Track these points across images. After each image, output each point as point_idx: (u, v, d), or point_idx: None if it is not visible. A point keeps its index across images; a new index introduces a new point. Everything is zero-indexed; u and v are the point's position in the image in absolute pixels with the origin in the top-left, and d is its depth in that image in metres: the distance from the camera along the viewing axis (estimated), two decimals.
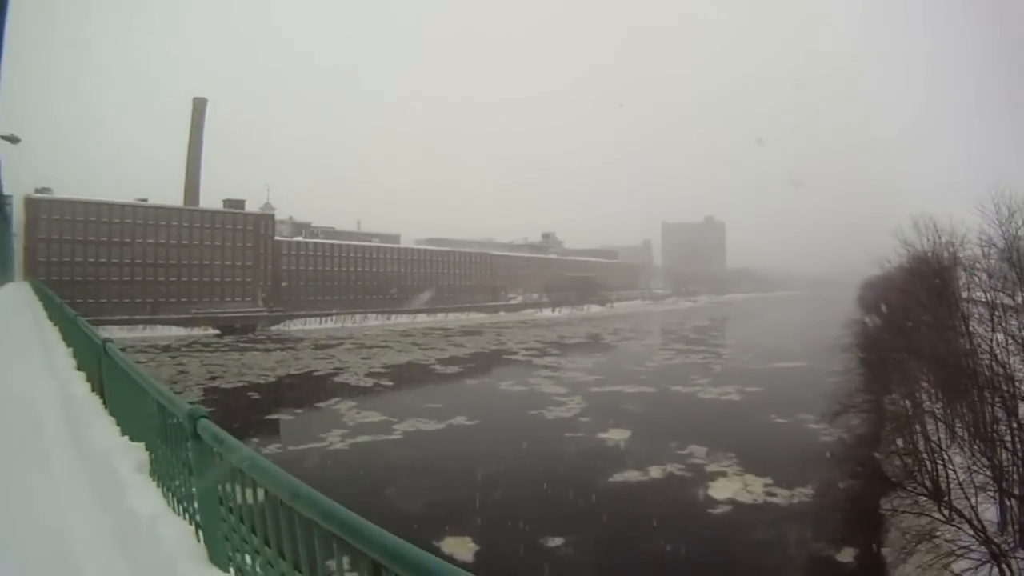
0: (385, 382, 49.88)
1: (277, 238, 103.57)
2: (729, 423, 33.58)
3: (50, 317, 16.47)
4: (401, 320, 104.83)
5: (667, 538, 19.49)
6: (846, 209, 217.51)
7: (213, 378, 51.68)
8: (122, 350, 5.62)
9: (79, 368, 8.39)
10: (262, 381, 50.83)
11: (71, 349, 9.78)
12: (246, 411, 39.20)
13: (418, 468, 26.33)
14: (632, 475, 25.35)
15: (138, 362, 5.15)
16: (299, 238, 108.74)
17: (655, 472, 25.75)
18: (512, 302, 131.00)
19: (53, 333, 12.50)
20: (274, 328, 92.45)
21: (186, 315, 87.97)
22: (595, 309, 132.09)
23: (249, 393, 45.80)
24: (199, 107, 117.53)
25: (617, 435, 31.27)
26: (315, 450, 29.51)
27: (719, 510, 22.24)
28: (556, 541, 19.48)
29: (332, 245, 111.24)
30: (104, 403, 6.26)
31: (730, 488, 24.03)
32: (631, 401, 39.48)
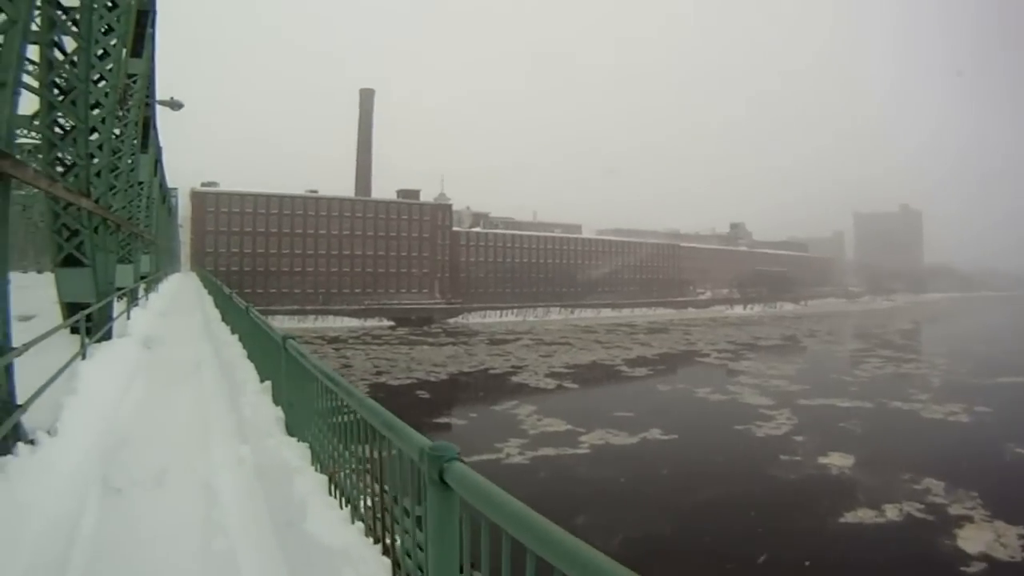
0: (568, 384, 48.50)
1: (455, 228, 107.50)
2: (963, 451, 30.55)
3: (217, 305, 17.41)
4: (585, 315, 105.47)
5: None
6: None
7: (379, 373, 52.83)
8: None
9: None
10: (432, 378, 51.08)
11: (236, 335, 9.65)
12: (413, 412, 38.22)
13: (610, 493, 24.79)
14: (865, 515, 23.12)
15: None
16: (478, 228, 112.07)
17: (891, 512, 23.40)
18: (700, 297, 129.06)
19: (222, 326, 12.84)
20: (451, 320, 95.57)
21: (359, 306, 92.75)
22: (788, 307, 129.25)
23: (418, 391, 45.92)
24: (366, 98, 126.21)
25: (839, 460, 29.00)
26: (490, 463, 27.81)
27: (974, 569, 19.57)
28: None
29: (512, 236, 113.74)
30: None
31: (980, 538, 21.38)
32: (847, 418, 37.02)
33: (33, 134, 14.58)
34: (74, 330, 9.59)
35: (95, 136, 11.67)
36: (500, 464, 28.10)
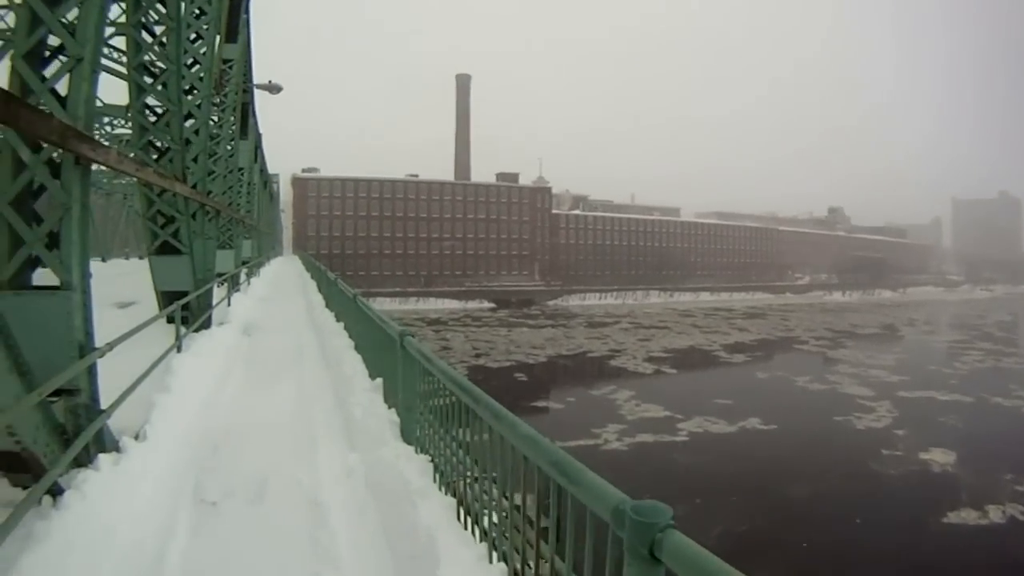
0: (666, 369, 48.11)
1: (554, 211, 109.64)
2: None
3: (320, 290, 17.26)
4: (683, 299, 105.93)
5: None
6: None
7: (478, 355, 53.42)
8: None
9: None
10: (531, 361, 51.39)
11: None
12: (511, 395, 38.23)
13: (709, 483, 24.20)
14: (968, 515, 22.39)
15: None
16: (577, 211, 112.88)
17: (994, 513, 22.54)
18: (798, 283, 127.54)
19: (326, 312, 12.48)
20: (551, 303, 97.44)
21: (460, 288, 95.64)
22: (886, 294, 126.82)
23: (516, 374, 46.11)
24: (463, 83, 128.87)
25: (941, 457, 28.24)
26: (588, 449, 27.42)
27: None
28: None
29: (611, 218, 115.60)
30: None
31: None
32: (947, 412, 36.11)
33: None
34: (172, 319, 9.51)
35: (190, 122, 11.59)
36: (598, 450, 27.88)
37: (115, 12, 10.78)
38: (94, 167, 5.38)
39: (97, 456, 4.68)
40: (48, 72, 4.81)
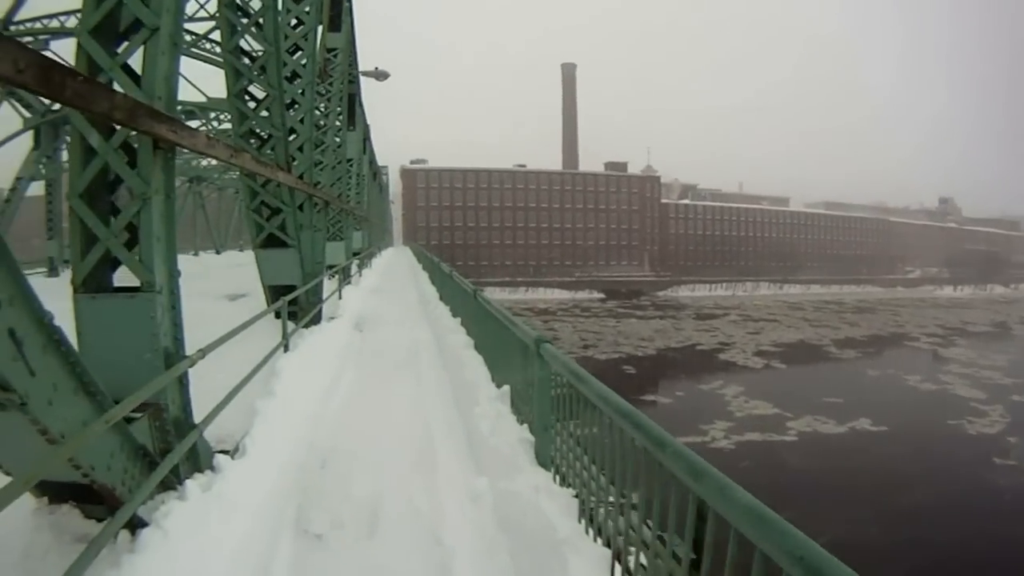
0: (776, 364, 47.18)
1: (663, 201, 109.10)
2: None
3: (433, 282, 16.80)
4: (793, 291, 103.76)
5: None
6: None
7: (586, 347, 53.11)
8: None
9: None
10: (639, 353, 51.20)
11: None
12: (620, 388, 37.48)
13: (817, 486, 23.35)
14: None
15: None
16: (686, 200, 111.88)
17: None
18: (909, 276, 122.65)
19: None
20: (660, 294, 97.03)
21: (570, 278, 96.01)
22: (998, 290, 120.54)
23: (624, 367, 45.68)
24: (568, 73, 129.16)
25: None
26: (695, 446, 25.86)
27: None
28: None
29: (721, 208, 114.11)
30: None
31: None
32: None
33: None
34: (290, 315, 9.21)
35: (294, 111, 11.30)
36: (706, 448, 27.32)
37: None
38: (202, 164, 4.92)
39: (187, 480, 4.19)
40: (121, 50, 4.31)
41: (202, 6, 18.22)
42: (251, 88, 9.53)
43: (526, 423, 4.96)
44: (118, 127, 4.09)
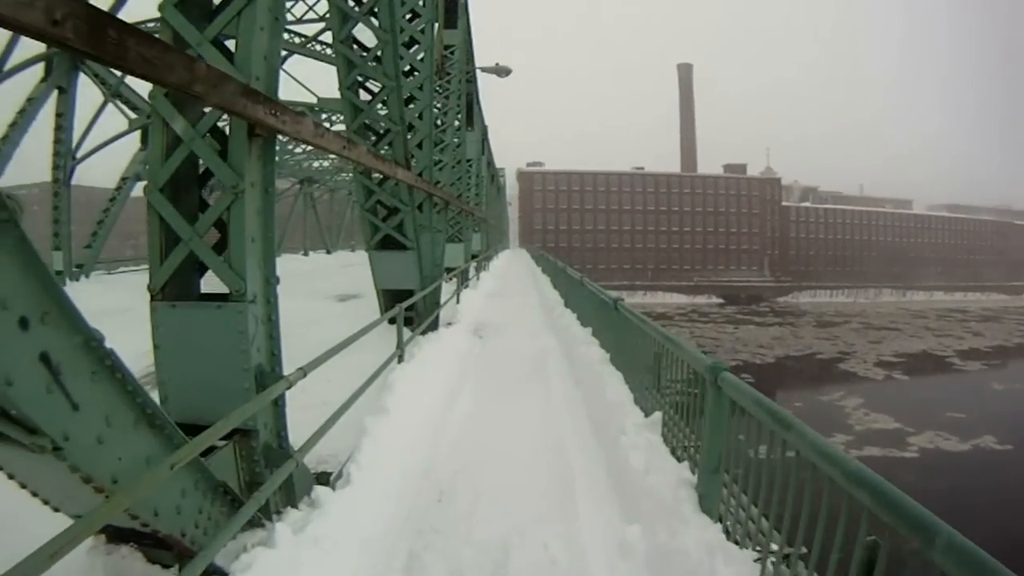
0: (897, 375, 44.74)
1: (784, 203, 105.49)
2: None
3: (555, 286, 16.00)
4: (916, 298, 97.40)
5: None
6: None
7: (703, 353, 51.68)
8: None
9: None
10: (757, 361, 49.71)
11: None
12: None
13: (939, 508, 19.78)
14: None
15: None
16: (807, 203, 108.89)
17: None
18: None
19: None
20: (780, 299, 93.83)
21: (688, 282, 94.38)
22: None
23: (742, 375, 43.37)
24: (684, 73, 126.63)
25: None
26: None
27: None
28: None
29: (843, 211, 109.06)
30: None
31: None
32: None
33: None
34: (406, 320, 8.75)
35: (412, 106, 10.90)
36: None
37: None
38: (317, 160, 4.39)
39: (278, 516, 3.63)
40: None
41: (311, 7, 18.53)
42: (366, 84, 9.18)
43: (686, 459, 4.11)
44: (207, 110, 3.62)
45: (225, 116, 3.50)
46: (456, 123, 18.11)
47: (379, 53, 8.68)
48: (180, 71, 2.70)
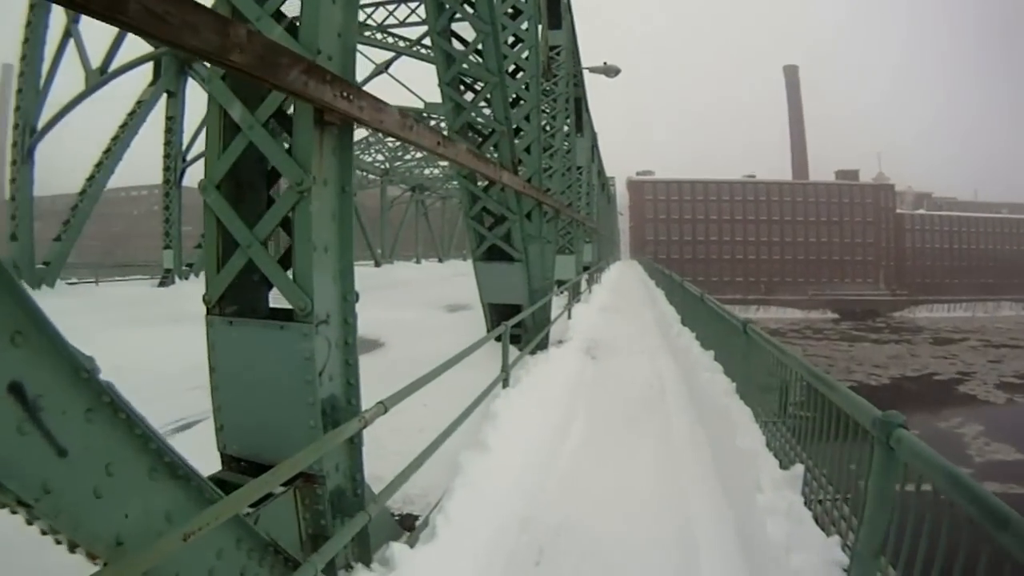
0: (1019, 398, 41.68)
1: (898, 211, 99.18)
2: None
3: (671, 301, 14.98)
4: None
5: None
6: None
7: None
8: None
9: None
10: (872, 382, 46.83)
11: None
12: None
13: None
14: None
15: None
16: (921, 211, 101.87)
17: None
18: None
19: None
20: (896, 314, 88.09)
21: (803, 296, 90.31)
22: None
23: None
24: (791, 75, 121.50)
25: None
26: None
27: None
28: None
29: (959, 218, 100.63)
30: None
31: None
32: None
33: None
34: (513, 338, 8.15)
35: (517, 109, 10.33)
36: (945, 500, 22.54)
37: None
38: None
39: (351, 569, 3.04)
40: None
41: (413, 10, 18.53)
42: (469, 83, 8.71)
43: (836, 534, 3.20)
44: (270, 90, 3.11)
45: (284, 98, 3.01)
46: (565, 128, 17.45)
47: (480, 47, 8.16)
48: (207, 33, 2.16)
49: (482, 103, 8.53)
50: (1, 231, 15.92)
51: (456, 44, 8.47)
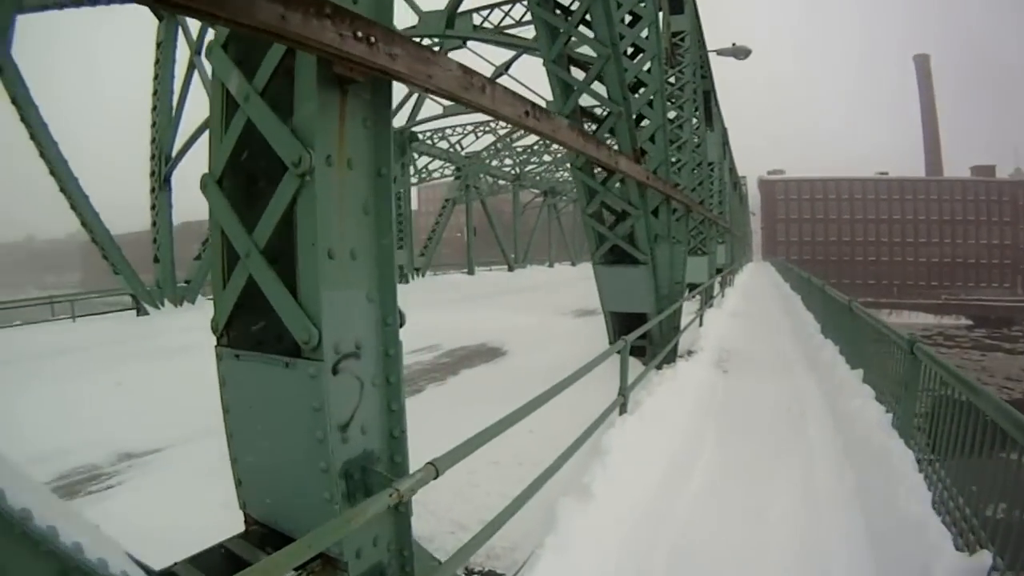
0: None
1: None
2: None
3: (809, 307, 13.25)
4: None
5: None
6: None
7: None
8: None
9: None
10: (1003, 395, 40.27)
11: None
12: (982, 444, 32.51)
13: None
14: None
15: None
16: None
17: None
18: None
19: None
20: None
21: (936, 300, 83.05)
22: None
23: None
24: (922, 65, 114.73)
25: None
26: None
27: None
28: None
29: None
30: None
31: None
32: None
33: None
34: (638, 349, 7.09)
35: (638, 95, 9.16)
36: None
37: None
38: None
39: None
40: None
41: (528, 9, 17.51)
42: (579, 61, 7.71)
43: None
44: (269, 46, 2.29)
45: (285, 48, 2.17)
46: (694, 120, 15.98)
47: (587, 13, 7.10)
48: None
49: (595, 83, 7.48)
50: (145, 256, 16.48)
51: (561, 14, 7.49)
